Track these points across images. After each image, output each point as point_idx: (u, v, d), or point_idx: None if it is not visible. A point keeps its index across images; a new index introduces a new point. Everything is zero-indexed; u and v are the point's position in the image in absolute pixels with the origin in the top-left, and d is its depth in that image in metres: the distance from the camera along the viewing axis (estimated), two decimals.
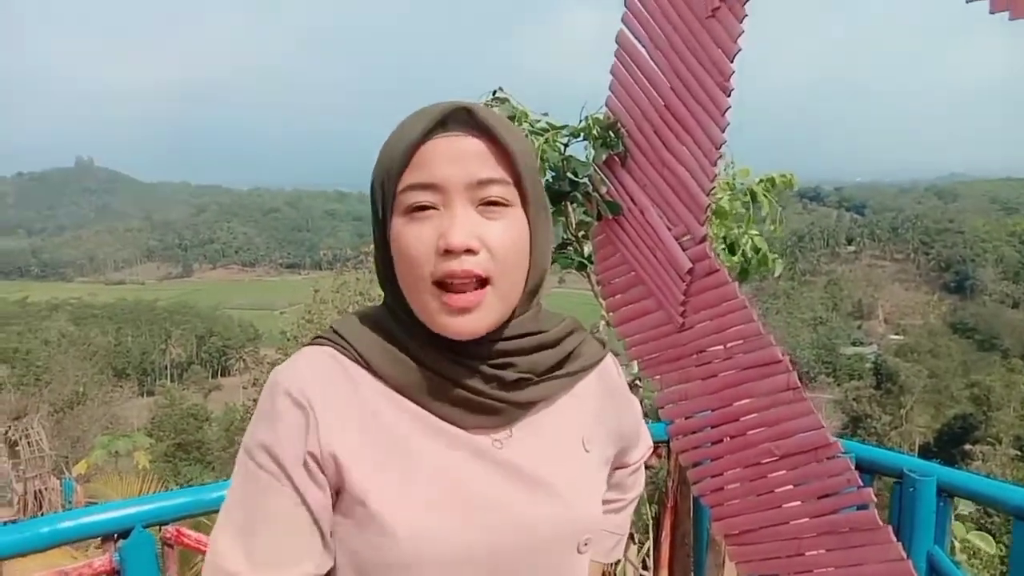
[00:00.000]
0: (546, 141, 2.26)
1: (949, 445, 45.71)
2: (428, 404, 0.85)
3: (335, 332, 0.88)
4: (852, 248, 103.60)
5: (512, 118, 2.26)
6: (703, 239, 1.96)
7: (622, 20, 2.10)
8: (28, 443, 23.07)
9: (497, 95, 2.29)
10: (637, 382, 2.43)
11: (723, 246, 2.82)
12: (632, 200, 2.12)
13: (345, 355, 0.86)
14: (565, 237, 2.55)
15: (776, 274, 3.43)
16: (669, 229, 2.02)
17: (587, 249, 2.49)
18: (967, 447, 41.02)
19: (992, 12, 1.40)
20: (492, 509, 0.83)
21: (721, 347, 1.93)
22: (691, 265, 1.96)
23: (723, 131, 1.86)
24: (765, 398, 1.83)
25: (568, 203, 2.45)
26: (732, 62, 1.81)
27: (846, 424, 48.82)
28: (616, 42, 2.12)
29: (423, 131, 0.81)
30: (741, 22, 1.78)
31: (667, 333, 2.07)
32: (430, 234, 0.80)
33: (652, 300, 2.11)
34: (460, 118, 0.83)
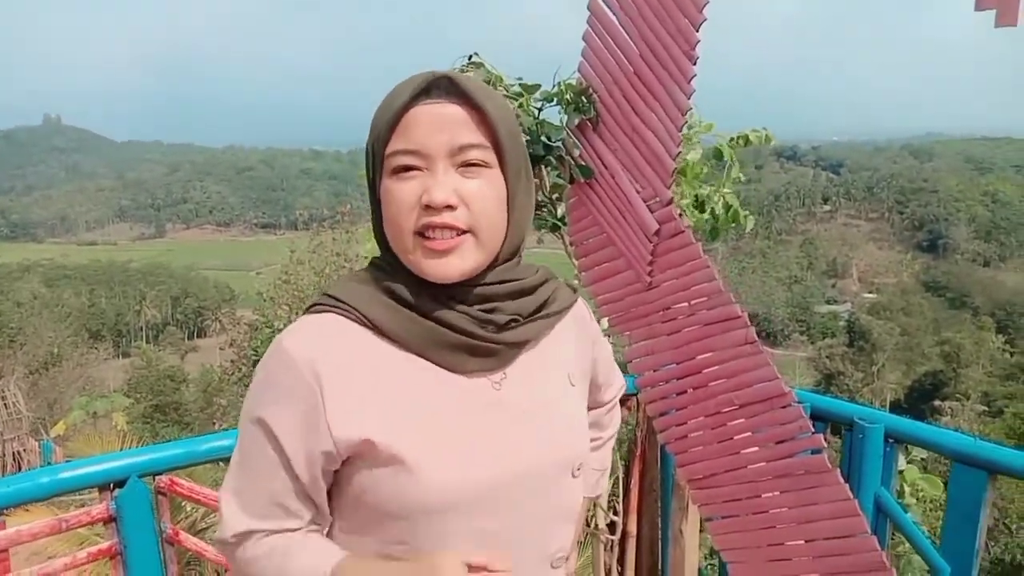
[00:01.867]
0: (520, 105, 2.32)
1: (919, 401, 46.84)
2: (431, 354, 0.92)
3: (333, 298, 0.93)
4: (828, 207, 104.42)
5: (488, 82, 2.33)
6: (669, 201, 2.05)
7: None
8: (4, 405, 22.96)
9: (473, 60, 2.35)
10: (607, 337, 2.54)
11: (689, 203, 2.91)
12: (603, 164, 2.21)
13: (348, 317, 0.92)
14: (540, 199, 2.64)
15: (748, 229, 3.51)
16: (638, 192, 2.11)
17: (560, 211, 2.57)
18: (937, 403, 42.08)
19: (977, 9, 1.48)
20: (503, 447, 0.93)
21: (686, 304, 2.04)
22: (658, 226, 2.05)
23: (689, 97, 1.94)
24: (725, 351, 1.95)
25: (543, 166, 2.53)
26: (698, 31, 1.88)
27: (819, 381, 49.81)
28: (588, 9, 2.19)
29: (408, 99, 0.89)
30: None
31: (635, 291, 2.18)
32: (413, 191, 0.88)
33: (622, 260, 2.21)
34: (442, 86, 0.90)
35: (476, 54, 2.32)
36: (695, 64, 1.91)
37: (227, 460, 1.07)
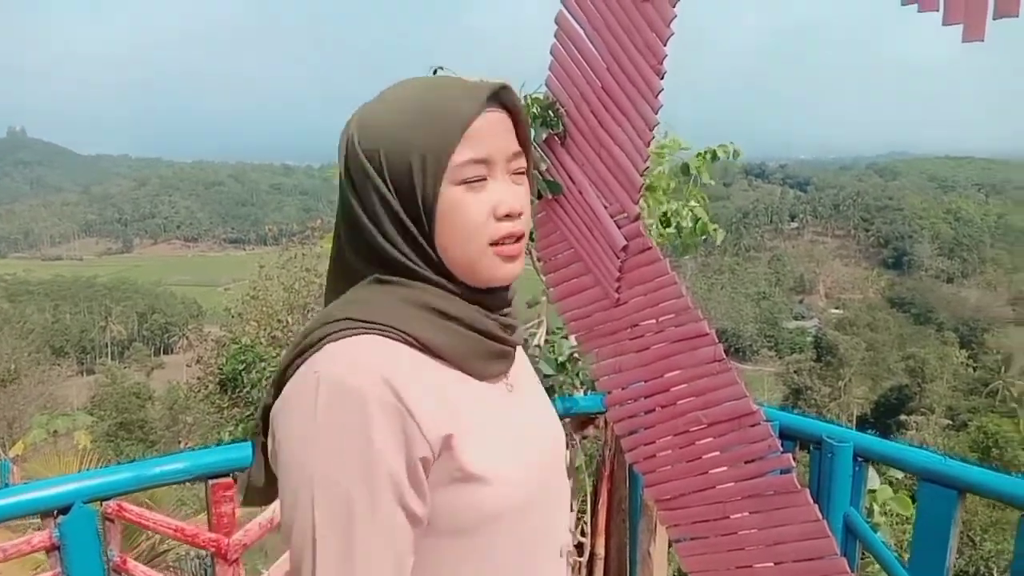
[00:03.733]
0: None
1: (885, 416, 47.51)
2: (468, 363, 0.90)
3: (363, 321, 0.86)
4: (795, 224, 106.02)
5: None
6: (637, 217, 2.02)
7: (562, 1, 2.14)
8: None
9: (438, 73, 2.31)
10: (575, 355, 2.51)
11: (652, 220, 2.90)
12: (571, 179, 2.18)
13: (390, 337, 0.85)
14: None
15: (719, 242, 3.52)
16: (606, 207, 2.08)
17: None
18: (902, 417, 42.73)
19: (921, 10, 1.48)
20: (537, 447, 0.97)
21: (653, 321, 2.01)
22: (626, 242, 2.02)
23: (656, 112, 1.92)
24: (693, 369, 1.92)
25: None
26: (665, 45, 1.87)
27: (787, 396, 50.29)
28: (556, 23, 2.17)
29: (476, 109, 0.86)
30: (674, 6, 1.84)
31: (603, 308, 2.14)
32: (486, 200, 0.87)
33: (590, 276, 2.17)
34: (496, 95, 0.90)
35: (441, 68, 2.29)
36: (663, 79, 1.89)
37: (180, 483, 0.99)
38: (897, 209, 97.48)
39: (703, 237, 3.41)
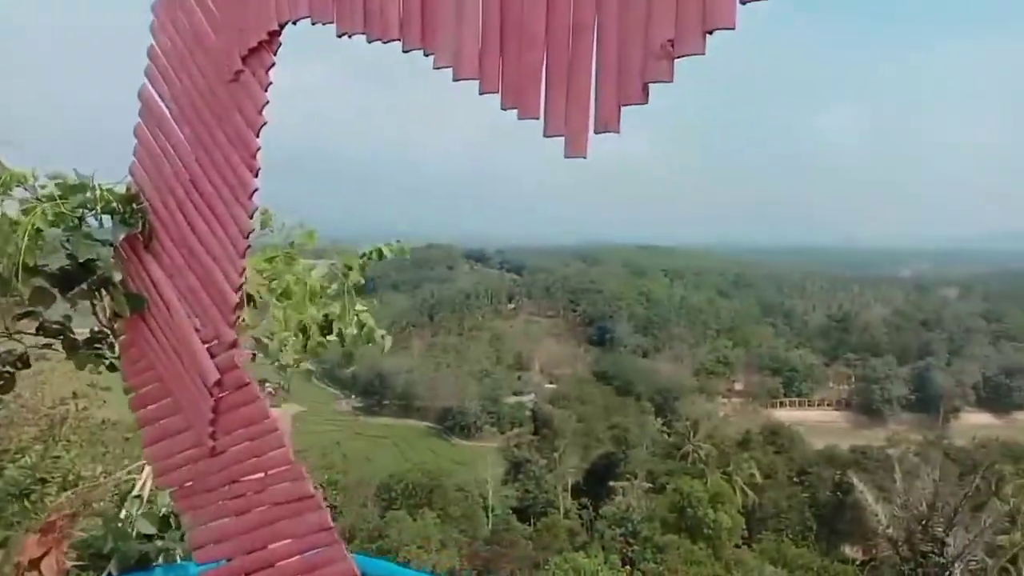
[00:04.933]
0: (55, 212, 1.76)
1: (596, 483, 50.67)
2: None
3: None
4: (512, 305, 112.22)
5: (2, 183, 1.74)
6: (233, 344, 1.61)
7: (145, 72, 1.71)
8: None
9: None
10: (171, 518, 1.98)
11: (288, 332, 2.51)
12: (158, 292, 1.71)
13: None
14: (96, 330, 2.05)
15: (385, 350, 3.25)
16: (197, 330, 1.65)
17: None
18: (611, 483, 45.83)
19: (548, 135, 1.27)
20: None
21: (255, 477, 1.59)
22: (219, 376, 1.59)
23: (251, 216, 1.55)
24: (300, 540, 1.52)
25: (103, 289, 1.96)
26: (258, 136, 1.52)
27: (508, 470, 51.83)
28: (139, 98, 1.73)
29: None
30: (266, 90, 1.50)
31: (198, 458, 1.68)
32: None
33: (180, 417, 1.70)
34: None
35: None
36: (257, 175, 1.53)
37: None
38: (599, 291, 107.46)
39: (368, 343, 3.09)
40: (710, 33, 0.98)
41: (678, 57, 1.01)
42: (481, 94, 1.17)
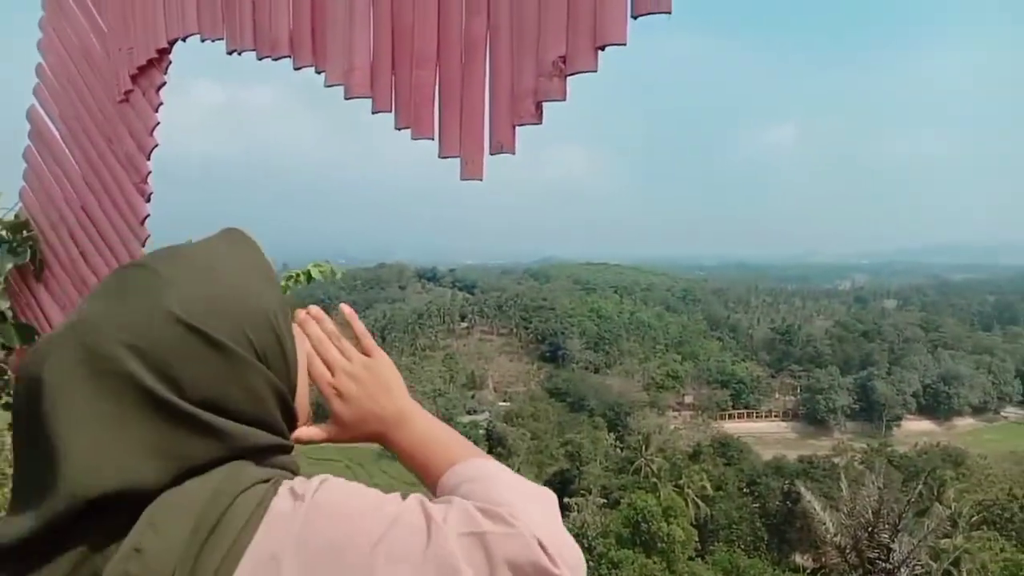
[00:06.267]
0: None
1: None
2: None
3: None
4: (465, 324, 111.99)
5: None
6: None
7: (34, 92, 1.61)
8: None
9: None
10: None
11: None
12: (51, 325, 1.61)
13: None
14: None
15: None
16: None
17: None
18: (566, 500, 45.77)
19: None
20: None
21: None
22: None
23: (143, 244, 1.46)
24: None
25: None
26: (149, 159, 1.43)
27: None
28: (28, 119, 1.63)
29: None
30: (157, 111, 1.42)
31: None
32: None
33: None
34: None
35: None
36: (149, 200, 1.45)
37: None
38: (550, 309, 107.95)
39: None
40: (602, 49, 0.95)
41: (570, 74, 0.97)
42: (374, 113, 1.11)
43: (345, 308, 0.99)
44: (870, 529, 20.43)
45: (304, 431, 0.89)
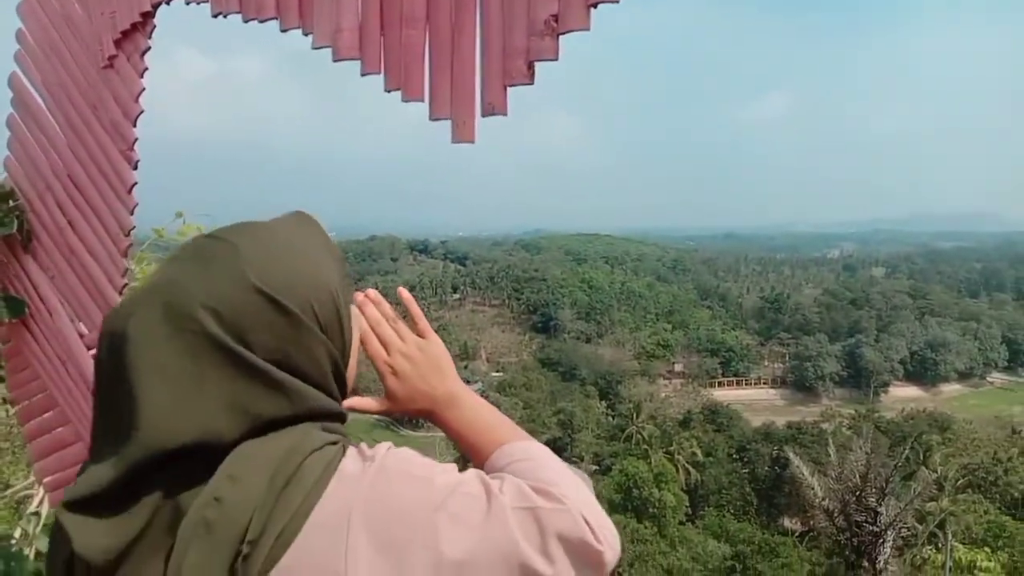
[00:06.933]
0: None
1: None
2: None
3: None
4: (457, 296, 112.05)
5: None
6: None
7: (15, 58, 1.59)
8: None
9: None
10: None
11: None
12: (40, 296, 1.60)
13: None
14: None
15: None
16: (82, 336, 1.54)
17: None
18: None
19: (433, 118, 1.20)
20: None
21: None
22: None
23: (132, 212, 1.45)
24: None
25: None
26: (135, 125, 1.42)
27: (458, 459, 51.44)
28: (10, 86, 1.60)
29: None
30: (142, 76, 1.40)
31: None
32: None
33: (69, 428, 1.59)
34: None
35: None
36: (136, 168, 1.43)
37: None
38: (542, 280, 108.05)
39: None
40: (594, 7, 0.93)
41: (563, 33, 0.96)
42: (363, 75, 1.10)
43: (403, 292, 1.06)
44: (857, 493, 20.75)
45: (358, 401, 0.96)
